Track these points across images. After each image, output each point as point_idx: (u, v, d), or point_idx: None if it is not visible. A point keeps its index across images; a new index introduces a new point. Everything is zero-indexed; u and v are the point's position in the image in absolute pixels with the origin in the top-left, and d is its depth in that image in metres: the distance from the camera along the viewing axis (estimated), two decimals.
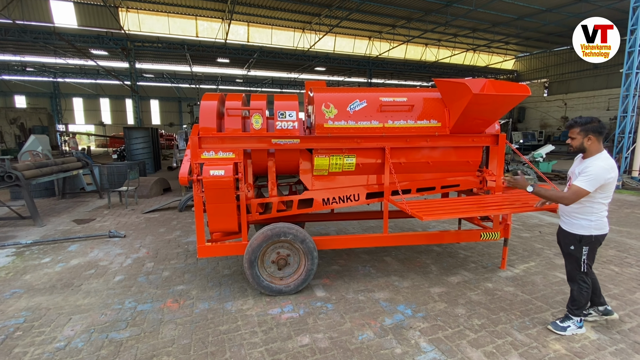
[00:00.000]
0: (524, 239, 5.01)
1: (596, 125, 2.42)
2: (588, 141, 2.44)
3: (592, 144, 2.44)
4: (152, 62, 26.81)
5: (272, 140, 3.24)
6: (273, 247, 3.24)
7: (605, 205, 2.49)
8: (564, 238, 2.65)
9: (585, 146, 2.46)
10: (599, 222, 2.48)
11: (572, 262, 2.62)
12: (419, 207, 3.13)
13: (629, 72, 9.62)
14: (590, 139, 2.43)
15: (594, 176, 2.33)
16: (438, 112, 3.53)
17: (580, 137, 2.46)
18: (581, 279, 2.58)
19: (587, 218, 2.48)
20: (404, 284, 3.51)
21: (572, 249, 2.57)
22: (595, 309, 2.79)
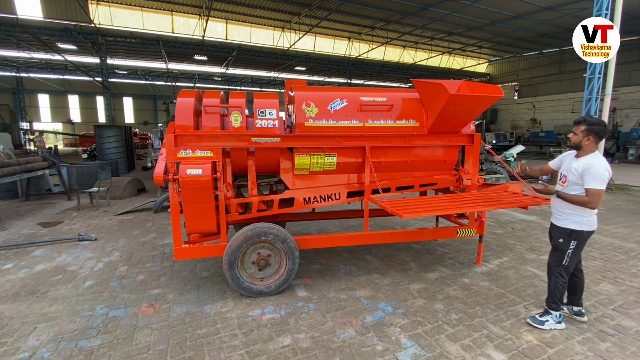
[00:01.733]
0: (497, 235, 5.21)
1: (601, 128, 2.51)
2: (587, 141, 2.53)
3: (590, 144, 2.53)
4: (125, 58, 25.77)
5: (252, 138, 3.18)
6: (253, 248, 3.18)
7: None
8: (556, 232, 2.72)
9: (583, 145, 2.55)
10: (591, 218, 2.57)
11: (557, 254, 2.69)
12: (399, 205, 3.18)
13: (591, 77, 10.21)
14: (589, 139, 2.52)
15: (603, 175, 2.42)
16: (416, 112, 3.60)
17: (582, 135, 2.53)
18: (559, 273, 2.66)
19: (580, 214, 2.56)
20: (384, 282, 3.55)
21: (561, 241, 2.65)
22: (570, 307, 2.87)
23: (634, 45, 20.29)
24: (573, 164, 2.60)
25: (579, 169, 2.52)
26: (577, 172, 2.53)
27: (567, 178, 2.64)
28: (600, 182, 2.42)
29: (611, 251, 4.51)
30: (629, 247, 4.70)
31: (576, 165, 2.55)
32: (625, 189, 9.61)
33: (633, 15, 15.92)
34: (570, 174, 2.61)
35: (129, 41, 18.62)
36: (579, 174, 2.52)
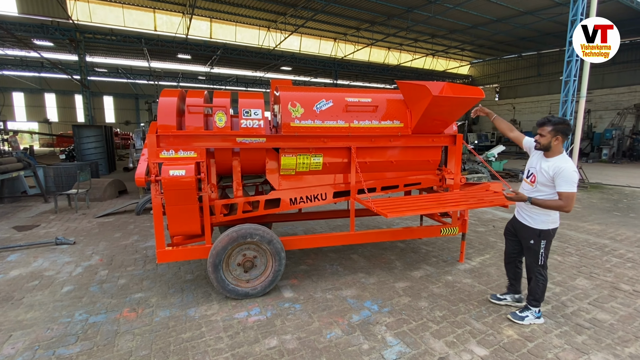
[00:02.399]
0: (479, 233, 5.34)
1: (566, 127, 2.55)
2: (555, 141, 2.55)
3: (558, 144, 2.56)
4: (105, 55, 25.04)
5: (237, 139, 3.15)
6: (239, 249, 3.15)
7: None
8: (525, 233, 2.77)
9: (552, 145, 2.57)
10: (555, 216, 2.67)
11: (531, 255, 2.75)
12: (384, 205, 3.21)
13: (567, 80, 10.61)
14: (557, 139, 2.55)
15: (574, 178, 2.48)
16: (401, 113, 3.65)
17: (550, 136, 2.55)
18: (538, 272, 2.73)
19: (547, 214, 2.64)
20: (370, 281, 3.58)
21: (532, 243, 2.71)
22: (512, 296, 3.05)
23: None
24: (543, 165, 2.62)
25: (549, 172, 2.55)
26: (548, 174, 2.56)
27: (536, 179, 2.66)
28: (572, 185, 2.47)
29: (586, 247, 4.70)
30: (603, 243, 4.91)
31: (546, 167, 2.58)
32: (599, 187, 10.03)
33: None
34: (540, 175, 2.64)
35: (109, 38, 18.10)
36: (550, 177, 2.55)
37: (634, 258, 4.29)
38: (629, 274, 3.80)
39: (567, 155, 2.61)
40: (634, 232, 5.49)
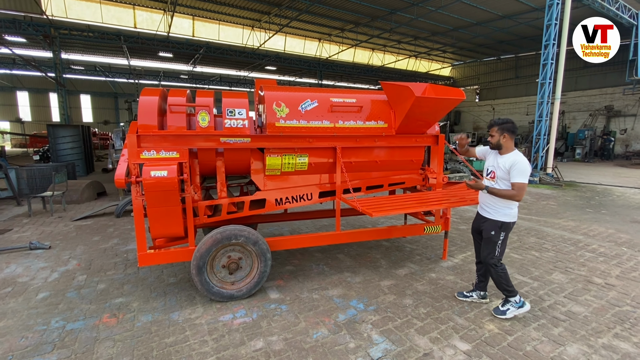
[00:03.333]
0: (461, 231, 5.47)
1: (510, 125, 2.80)
2: (503, 138, 2.80)
3: (507, 140, 2.81)
4: (82, 52, 24.15)
5: (221, 139, 3.11)
6: (224, 251, 3.11)
7: None
8: (487, 225, 2.89)
9: (501, 143, 2.82)
10: (515, 210, 2.83)
11: (489, 246, 2.86)
12: (369, 204, 3.24)
13: (543, 82, 11.03)
14: (505, 137, 2.80)
15: (526, 170, 2.68)
16: (385, 114, 3.70)
17: (498, 135, 2.81)
18: (494, 264, 2.84)
19: (509, 207, 2.79)
20: (356, 280, 3.61)
21: (493, 234, 2.83)
22: (478, 293, 3.15)
23: None
24: (499, 161, 2.83)
25: (506, 165, 2.75)
26: (505, 167, 2.76)
27: (496, 174, 2.86)
28: (524, 177, 2.67)
29: (562, 243, 4.90)
30: (577, 238, 5.12)
31: (502, 162, 2.79)
32: (573, 185, 10.47)
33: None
34: (498, 170, 2.83)
35: (85, 35, 17.47)
36: (506, 170, 2.74)
37: (605, 252, 4.50)
38: (601, 267, 3.99)
39: (518, 151, 2.82)
40: (605, 227, 5.76)
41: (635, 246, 4.78)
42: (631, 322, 2.82)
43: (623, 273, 3.83)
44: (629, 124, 20.20)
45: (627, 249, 4.64)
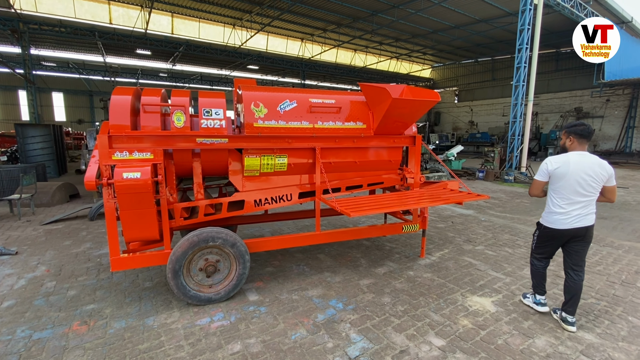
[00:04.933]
0: (439, 229, 5.60)
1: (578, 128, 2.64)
2: (569, 142, 2.70)
3: (572, 144, 2.68)
4: (53, 48, 23.10)
5: (197, 139, 3.06)
6: (201, 254, 3.05)
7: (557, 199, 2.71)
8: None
9: (567, 146, 2.73)
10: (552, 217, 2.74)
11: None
12: (348, 204, 3.27)
13: (517, 84, 11.45)
14: (570, 140, 2.69)
15: (539, 168, 2.77)
16: (363, 115, 3.74)
17: (564, 138, 2.75)
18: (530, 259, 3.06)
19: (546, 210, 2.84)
20: (336, 279, 3.63)
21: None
22: (560, 312, 2.84)
23: (552, 57, 23.15)
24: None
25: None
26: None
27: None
28: (537, 174, 2.82)
29: None
30: None
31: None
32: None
33: (551, 30, 18.12)
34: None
35: (57, 30, 16.72)
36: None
37: None
38: None
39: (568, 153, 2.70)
40: None
41: (601, 241, 5.04)
42: (595, 314, 2.97)
43: (589, 267, 4.02)
44: (597, 124, 21.27)
45: (593, 244, 4.88)
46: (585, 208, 2.63)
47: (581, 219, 2.64)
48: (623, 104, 20.16)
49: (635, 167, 15.99)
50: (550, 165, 2.68)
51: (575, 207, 2.63)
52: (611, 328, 2.76)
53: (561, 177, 2.64)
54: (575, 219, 2.64)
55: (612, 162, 13.46)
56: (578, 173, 2.59)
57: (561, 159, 2.66)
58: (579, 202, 2.62)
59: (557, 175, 2.66)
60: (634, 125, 19.69)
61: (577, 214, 2.63)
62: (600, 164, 2.60)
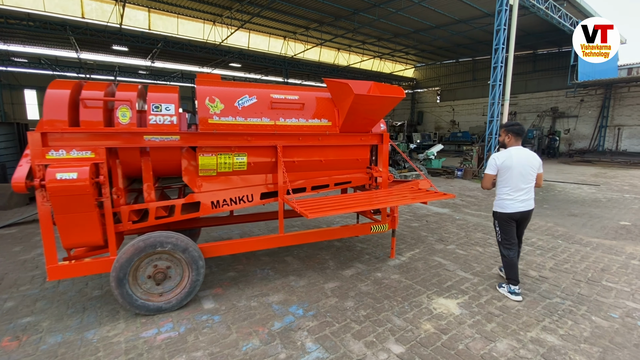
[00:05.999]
0: (413, 229, 5.53)
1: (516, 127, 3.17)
2: (507, 139, 3.22)
3: (510, 141, 3.21)
4: (24, 43, 22.02)
5: (145, 137, 2.84)
6: (149, 260, 2.84)
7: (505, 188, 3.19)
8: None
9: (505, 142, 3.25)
10: (502, 202, 3.20)
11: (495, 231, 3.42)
12: (309, 205, 3.12)
13: (494, 84, 11.59)
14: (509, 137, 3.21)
15: (488, 163, 3.20)
16: (328, 112, 3.60)
17: (504, 135, 3.24)
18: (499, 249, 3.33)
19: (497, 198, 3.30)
20: (300, 283, 3.47)
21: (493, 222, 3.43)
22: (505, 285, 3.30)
23: (529, 59, 23.70)
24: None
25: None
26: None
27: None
28: (487, 168, 3.25)
29: None
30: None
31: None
32: None
33: (528, 32, 18.51)
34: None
35: (25, 24, 15.92)
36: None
37: (543, 246, 4.73)
38: (538, 260, 4.17)
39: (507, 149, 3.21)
40: (545, 221, 6.10)
41: (570, 238, 5.08)
42: (559, 314, 2.93)
43: (556, 265, 4.02)
44: (572, 124, 21.92)
45: (562, 242, 4.91)
46: (527, 194, 3.14)
47: (525, 203, 3.14)
48: (596, 104, 20.83)
49: (607, 165, 16.54)
50: (498, 160, 3.14)
51: (520, 194, 3.12)
52: (574, 329, 2.71)
53: (507, 169, 3.10)
54: (521, 203, 3.13)
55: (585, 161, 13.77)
56: (520, 164, 3.07)
57: (505, 154, 3.13)
58: (522, 189, 3.11)
59: (503, 168, 3.12)
60: (607, 125, 20.38)
61: (522, 199, 3.13)
62: (534, 156, 3.15)
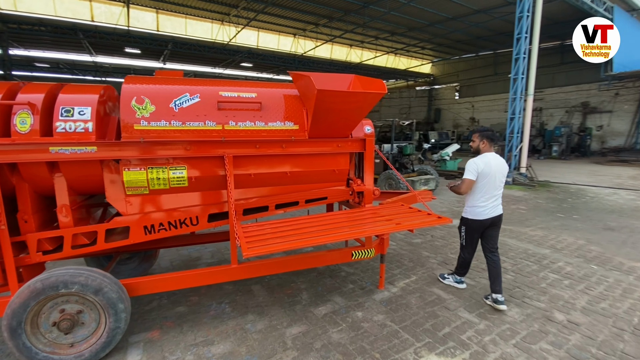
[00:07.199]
0: (414, 246, 4.75)
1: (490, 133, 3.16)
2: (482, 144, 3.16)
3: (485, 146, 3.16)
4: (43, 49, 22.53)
5: (51, 148, 2.27)
6: (52, 304, 2.26)
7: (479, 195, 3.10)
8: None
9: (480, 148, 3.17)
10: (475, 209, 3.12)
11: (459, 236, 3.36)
12: (259, 233, 2.46)
13: (515, 77, 10.48)
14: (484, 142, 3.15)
15: (468, 166, 3.07)
16: (295, 113, 2.91)
17: (478, 141, 3.18)
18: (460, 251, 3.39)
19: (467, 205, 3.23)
20: (257, 326, 2.81)
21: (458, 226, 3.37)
22: (490, 295, 3.12)
23: (557, 50, 21.96)
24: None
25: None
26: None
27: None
28: (467, 173, 3.07)
29: (524, 260, 4.23)
30: (543, 253, 4.48)
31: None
32: (547, 186, 9.97)
33: (554, 21, 17.00)
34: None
35: (37, 29, 16.13)
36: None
37: (572, 273, 3.85)
38: (565, 295, 3.32)
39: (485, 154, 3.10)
40: (574, 237, 5.15)
41: (607, 262, 4.16)
42: None
43: (590, 303, 3.16)
44: (605, 120, 20.11)
45: (597, 267, 4.01)
46: (497, 200, 3.12)
47: (495, 209, 3.11)
48: (633, 97, 18.95)
49: None
50: (478, 166, 3.03)
51: (492, 200, 3.09)
52: None
53: (485, 175, 3.02)
54: (492, 209, 3.10)
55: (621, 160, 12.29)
56: (497, 171, 3.04)
57: (484, 160, 3.04)
58: (494, 196, 3.09)
59: (483, 174, 3.03)
60: None
61: (493, 205, 3.10)
62: (504, 162, 3.13)
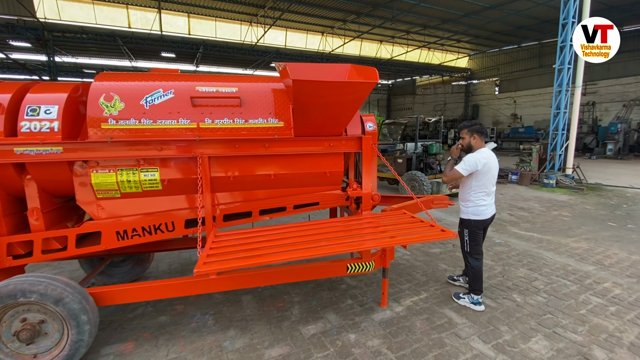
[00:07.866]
0: (431, 257, 4.26)
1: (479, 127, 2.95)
2: (473, 140, 2.94)
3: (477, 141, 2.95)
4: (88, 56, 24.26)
5: (16, 149, 2.16)
6: (13, 313, 2.15)
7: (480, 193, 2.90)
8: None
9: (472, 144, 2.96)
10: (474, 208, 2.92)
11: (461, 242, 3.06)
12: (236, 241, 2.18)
13: (561, 68, 9.40)
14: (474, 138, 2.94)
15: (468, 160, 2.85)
16: (280, 108, 2.61)
17: (468, 137, 2.96)
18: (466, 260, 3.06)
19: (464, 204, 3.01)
20: (235, 345, 2.54)
21: (459, 231, 3.04)
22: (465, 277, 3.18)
23: None
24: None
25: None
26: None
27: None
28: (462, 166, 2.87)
29: (561, 279, 3.60)
30: (586, 270, 3.80)
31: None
32: (598, 189, 8.82)
33: (610, 5, 15.18)
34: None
35: (79, 37, 17.28)
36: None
37: (622, 297, 3.19)
38: (610, 326, 2.71)
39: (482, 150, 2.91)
40: (628, 251, 4.36)
41: None
42: None
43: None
44: None
45: None
46: (493, 197, 2.99)
47: (493, 207, 2.99)
48: None
49: None
50: (479, 163, 2.79)
51: (491, 197, 2.95)
52: None
53: (487, 172, 2.85)
54: (491, 207, 2.96)
55: None
56: (495, 167, 2.91)
57: (484, 155, 2.84)
58: (492, 192, 2.95)
59: (484, 172, 2.84)
60: None
61: (491, 203, 2.96)
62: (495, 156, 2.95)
